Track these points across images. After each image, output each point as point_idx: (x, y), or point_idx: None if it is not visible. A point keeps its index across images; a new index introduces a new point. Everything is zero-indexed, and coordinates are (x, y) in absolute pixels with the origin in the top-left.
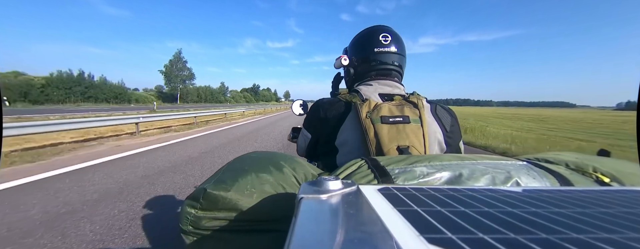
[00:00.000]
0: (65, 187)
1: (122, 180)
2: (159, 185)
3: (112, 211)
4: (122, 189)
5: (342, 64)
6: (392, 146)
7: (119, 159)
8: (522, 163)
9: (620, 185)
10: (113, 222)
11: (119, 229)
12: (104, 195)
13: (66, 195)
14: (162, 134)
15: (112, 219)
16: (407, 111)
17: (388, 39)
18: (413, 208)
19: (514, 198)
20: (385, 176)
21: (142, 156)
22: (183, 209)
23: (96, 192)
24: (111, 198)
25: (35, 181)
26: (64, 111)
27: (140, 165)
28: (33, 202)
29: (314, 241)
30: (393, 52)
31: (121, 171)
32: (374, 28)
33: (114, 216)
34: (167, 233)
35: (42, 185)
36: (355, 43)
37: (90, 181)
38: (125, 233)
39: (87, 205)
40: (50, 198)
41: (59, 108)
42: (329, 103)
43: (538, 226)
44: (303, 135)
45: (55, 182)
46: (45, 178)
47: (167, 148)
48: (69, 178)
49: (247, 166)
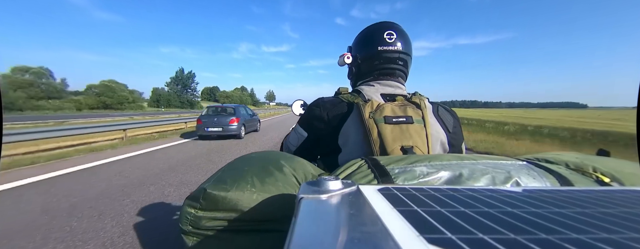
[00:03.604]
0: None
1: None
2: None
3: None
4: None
5: (345, 62)
6: (395, 146)
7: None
8: (522, 163)
9: (620, 185)
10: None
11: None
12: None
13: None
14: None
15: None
16: (410, 111)
17: (393, 37)
18: (413, 208)
19: (514, 198)
20: (385, 176)
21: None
22: (183, 209)
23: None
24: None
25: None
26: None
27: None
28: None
29: (314, 241)
30: (398, 51)
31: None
32: (379, 25)
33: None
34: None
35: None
36: (359, 41)
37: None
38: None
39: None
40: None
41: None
42: (330, 103)
43: (538, 226)
44: (296, 133)
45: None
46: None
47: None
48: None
49: (248, 166)
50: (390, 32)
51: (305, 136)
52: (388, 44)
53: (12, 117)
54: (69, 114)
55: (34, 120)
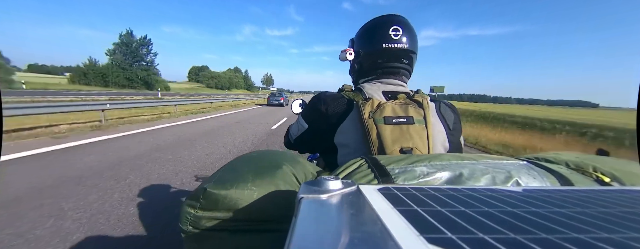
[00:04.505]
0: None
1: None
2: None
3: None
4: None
5: (347, 58)
6: (395, 148)
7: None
8: (522, 163)
9: (621, 185)
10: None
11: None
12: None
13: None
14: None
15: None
16: (411, 111)
17: (399, 33)
18: (413, 208)
19: (514, 198)
20: (386, 176)
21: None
22: (183, 209)
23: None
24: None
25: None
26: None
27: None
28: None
29: (314, 241)
30: (403, 49)
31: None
32: (384, 18)
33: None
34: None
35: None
36: (362, 35)
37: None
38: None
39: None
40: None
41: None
42: (331, 98)
43: (538, 226)
44: (299, 124)
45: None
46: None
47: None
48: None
49: (248, 165)
50: (396, 28)
51: (306, 128)
52: (394, 41)
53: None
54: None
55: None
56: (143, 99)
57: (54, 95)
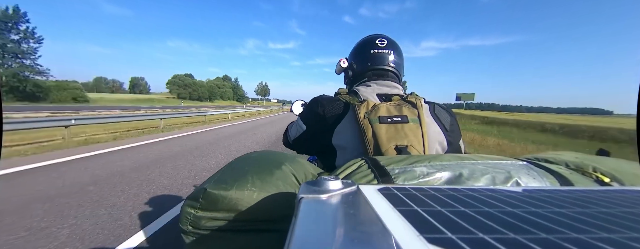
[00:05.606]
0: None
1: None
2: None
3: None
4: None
5: (342, 67)
6: (390, 146)
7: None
8: (522, 163)
9: (620, 185)
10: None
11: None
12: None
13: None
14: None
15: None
16: (405, 110)
17: (384, 42)
18: (413, 208)
19: (514, 198)
20: (386, 176)
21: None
22: (183, 209)
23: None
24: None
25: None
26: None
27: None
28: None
29: (314, 241)
30: (389, 54)
31: None
32: (372, 35)
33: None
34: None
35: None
36: (354, 49)
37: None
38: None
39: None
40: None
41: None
42: (328, 100)
43: (538, 226)
44: (297, 125)
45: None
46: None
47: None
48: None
49: (248, 166)
50: (381, 39)
51: (304, 129)
52: (380, 48)
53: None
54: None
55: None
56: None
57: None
